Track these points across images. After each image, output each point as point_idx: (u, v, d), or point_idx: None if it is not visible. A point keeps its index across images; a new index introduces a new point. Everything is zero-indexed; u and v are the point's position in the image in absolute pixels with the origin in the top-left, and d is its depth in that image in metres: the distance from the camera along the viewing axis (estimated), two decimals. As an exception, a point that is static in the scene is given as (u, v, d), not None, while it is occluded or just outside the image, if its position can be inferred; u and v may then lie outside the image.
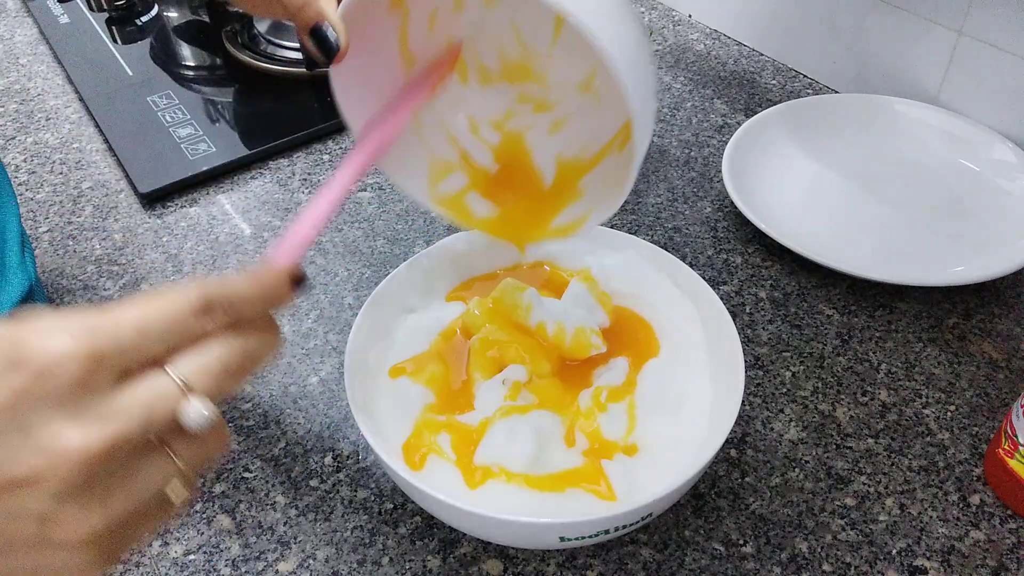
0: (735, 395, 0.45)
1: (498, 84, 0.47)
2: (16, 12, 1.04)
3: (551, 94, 0.48)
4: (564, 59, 0.47)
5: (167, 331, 0.28)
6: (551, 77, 0.48)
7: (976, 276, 0.59)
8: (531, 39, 0.46)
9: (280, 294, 0.32)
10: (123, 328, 0.27)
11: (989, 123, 0.72)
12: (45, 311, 0.27)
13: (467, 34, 0.46)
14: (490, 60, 0.47)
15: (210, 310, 0.29)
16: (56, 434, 0.25)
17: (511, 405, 0.47)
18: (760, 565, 0.46)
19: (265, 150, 0.77)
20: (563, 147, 0.49)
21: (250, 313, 0.31)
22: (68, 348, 0.26)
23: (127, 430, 0.26)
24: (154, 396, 0.27)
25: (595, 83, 0.47)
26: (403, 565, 0.47)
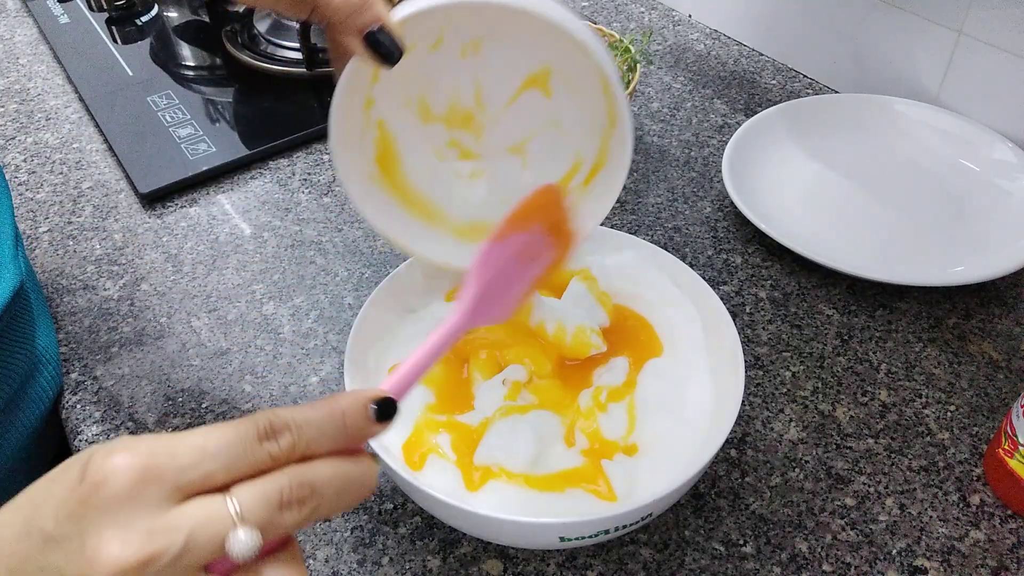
0: (735, 395, 0.45)
1: (434, 124, 0.48)
2: (16, 12, 1.04)
3: (479, 147, 0.49)
4: (506, 122, 0.48)
5: (228, 452, 0.28)
6: (489, 131, 0.49)
7: (976, 276, 0.59)
8: (487, 97, 0.47)
9: (359, 424, 0.30)
10: (182, 446, 0.28)
11: (989, 123, 0.72)
12: (123, 439, 0.28)
13: (425, 75, 0.46)
14: (438, 103, 0.48)
15: (275, 434, 0.28)
16: (101, 544, 0.26)
17: (511, 405, 0.47)
18: (760, 565, 0.46)
19: (265, 150, 0.77)
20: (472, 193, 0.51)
21: (322, 441, 0.29)
22: (124, 462, 0.27)
23: (168, 547, 0.26)
24: (203, 517, 0.27)
25: (527, 147, 0.49)
26: (403, 565, 0.47)
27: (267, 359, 0.59)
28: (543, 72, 0.47)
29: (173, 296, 0.64)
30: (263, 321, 0.62)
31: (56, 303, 0.64)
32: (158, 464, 0.27)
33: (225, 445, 0.28)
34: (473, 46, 0.46)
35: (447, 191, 0.50)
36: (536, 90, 0.47)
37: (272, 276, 0.65)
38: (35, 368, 0.56)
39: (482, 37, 0.45)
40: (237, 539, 0.27)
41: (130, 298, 0.64)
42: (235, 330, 0.61)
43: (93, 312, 0.63)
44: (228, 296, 0.64)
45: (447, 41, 0.45)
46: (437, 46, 0.45)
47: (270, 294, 0.64)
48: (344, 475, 0.30)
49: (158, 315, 0.63)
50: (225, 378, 0.58)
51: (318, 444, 0.29)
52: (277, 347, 0.60)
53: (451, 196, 0.50)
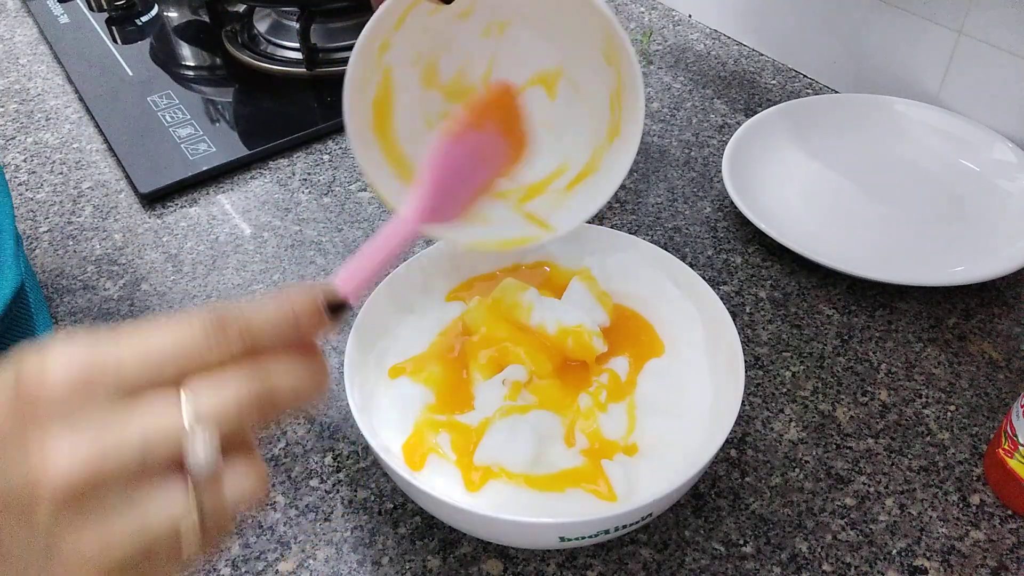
0: (735, 395, 0.45)
1: (434, 92, 0.48)
2: (16, 12, 1.04)
3: None
4: None
5: (175, 349, 0.26)
6: None
7: (976, 276, 0.59)
8: (498, 77, 0.47)
9: (310, 318, 0.29)
10: (124, 343, 0.26)
11: (989, 123, 0.72)
12: (58, 337, 0.26)
13: (444, 39, 0.46)
14: (446, 70, 0.47)
15: (224, 329, 0.27)
16: (50, 445, 0.24)
17: (511, 405, 0.47)
18: (760, 565, 0.46)
19: (265, 150, 0.77)
20: None
21: (272, 336, 0.28)
22: (62, 365, 0.25)
23: (119, 447, 0.25)
24: (156, 420, 0.25)
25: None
26: (403, 565, 0.47)
27: (267, 359, 0.59)
28: (554, 72, 0.47)
29: (173, 296, 0.64)
30: (263, 321, 0.62)
31: (56, 303, 0.64)
32: (101, 360, 0.25)
33: (173, 338, 0.26)
34: (499, 27, 0.45)
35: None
36: (542, 88, 0.47)
37: (272, 276, 0.65)
38: (35, 368, 0.56)
39: (509, 21, 0.45)
40: (195, 445, 0.25)
41: (130, 298, 0.64)
42: (235, 330, 0.61)
43: (93, 312, 0.63)
44: (228, 296, 0.64)
45: (476, 14, 0.45)
46: (466, 16, 0.45)
47: (270, 294, 0.64)
48: (297, 374, 0.29)
49: (158, 315, 0.63)
50: (225, 378, 0.58)
51: (269, 340, 0.28)
52: (277, 347, 0.60)
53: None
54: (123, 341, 0.26)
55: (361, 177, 0.75)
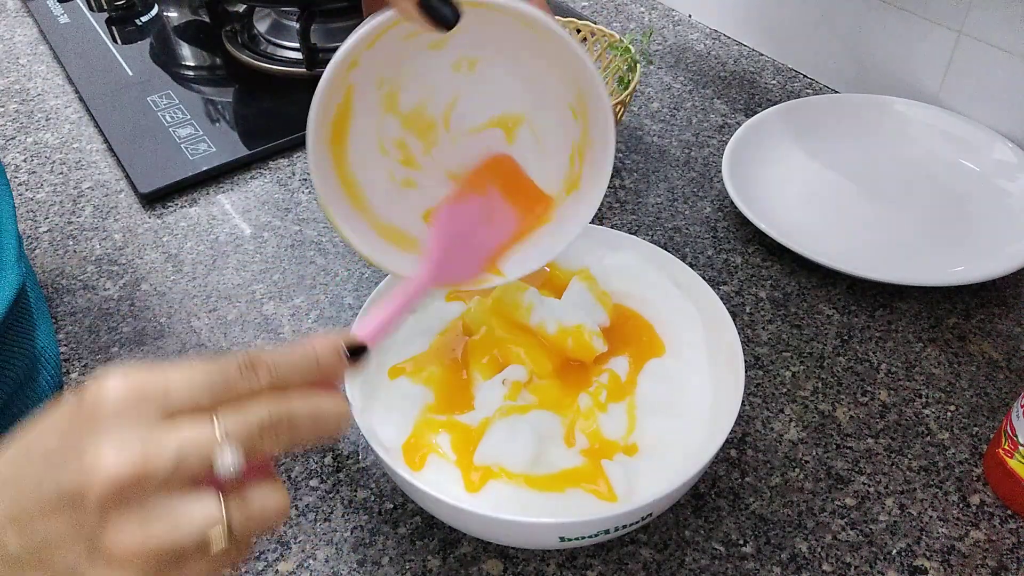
0: (735, 395, 0.45)
1: (392, 118, 0.47)
2: (16, 12, 1.04)
3: (424, 159, 0.48)
4: (462, 147, 0.48)
5: (211, 381, 0.31)
6: (438, 149, 0.48)
7: (976, 276, 0.59)
8: (458, 115, 0.47)
9: (331, 363, 0.34)
10: (171, 372, 0.31)
11: (989, 123, 0.72)
12: (118, 365, 0.30)
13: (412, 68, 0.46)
14: (408, 98, 0.47)
15: (254, 367, 0.32)
16: (99, 452, 0.28)
17: (511, 405, 0.47)
18: (760, 565, 0.46)
19: (265, 150, 0.77)
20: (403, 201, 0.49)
21: (295, 374, 0.33)
22: (118, 384, 0.30)
23: (159, 457, 0.29)
24: (192, 435, 0.30)
25: (461, 176, 0.48)
26: (403, 565, 0.47)
27: (267, 359, 0.59)
28: (517, 118, 0.46)
29: (173, 296, 0.64)
30: (263, 321, 0.62)
31: (56, 303, 0.64)
32: (150, 385, 0.30)
33: (209, 375, 0.31)
34: (469, 63, 0.45)
35: (377, 185, 0.48)
36: (500, 131, 0.47)
37: (272, 276, 0.65)
38: (35, 368, 0.56)
39: (481, 59, 0.45)
40: (223, 456, 0.29)
41: (130, 298, 0.64)
42: (235, 330, 0.61)
43: (93, 312, 0.63)
44: (228, 296, 0.64)
45: (449, 47, 0.44)
46: (438, 46, 0.45)
47: (270, 294, 0.64)
48: (317, 406, 0.33)
49: (158, 315, 0.63)
50: (225, 378, 0.58)
51: (293, 377, 0.33)
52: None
53: (380, 192, 0.48)
54: (170, 371, 0.31)
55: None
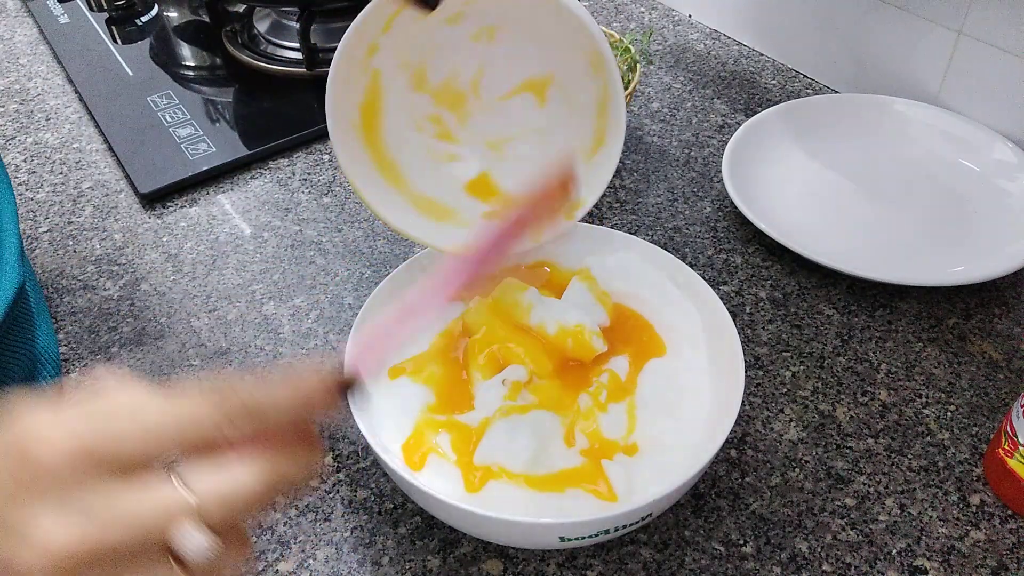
0: (735, 395, 0.45)
1: (423, 96, 0.48)
2: (16, 12, 1.04)
3: (461, 133, 0.49)
4: (498, 115, 0.48)
5: (177, 430, 0.26)
6: (475, 119, 0.48)
7: (976, 276, 0.59)
8: (486, 84, 0.47)
9: (322, 400, 0.29)
10: (123, 422, 0.25)
11: (989, 123, 0.72)
12: (47, 400, 0.25)
13: (434, 43, 0.46)
14: (435, 74, 0.47)
15: (233, 420, 0.27)
16: (41, 529, 0.24)
17: (511, 405, 0.47)
18: (760, 565, 0.46)
19: (265, 150, 0.77)
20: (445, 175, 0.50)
21: (280, 420, 0.28)
22: (60, 439, 0.25)
23: (115, 535, 0.25)
24: (152, 506, 0.25)
25: (506, 146, 0.48)
26: (403, 565, 0.47)
27: (267, 359, 0.59)
28: (545, 79, 0.47)
29: (173, 296, 0.64)
30: (263, 321, 0.62)
31: (56, 303, 0.64)
32: (97, 442, 0.25)
33: (180, 426, 0.26)
34: (488, 32, 0.45)
35: (415, 162, 0.48)
36: (532, 95, 0.47)
37: (272, 276, 0.65)
38: (34, 368, 0.56)
39: (499, 26, 0.45)
40: (192, 541, 0.25)
41: (130, 298, 0.64)
42: (235, 330, 0.61)
43: (93, 312, 0.63)
44: (228, 296, 0.64)
45: (466, 19, 0.45)
46: (456, 20, 0.45)
47: (270, 294, 0.64)
48: (297, 462, 0.29)
49: (158, 315, 0.63)
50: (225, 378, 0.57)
51: (277, 421, 0.28)
52: (277, 347, 0.60)
53: (418, 168, 0.49)
54: (124, 414, 0.26)
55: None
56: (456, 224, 0.48)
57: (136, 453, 0.25)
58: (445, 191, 0.49)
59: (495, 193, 0.49)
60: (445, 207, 0.48)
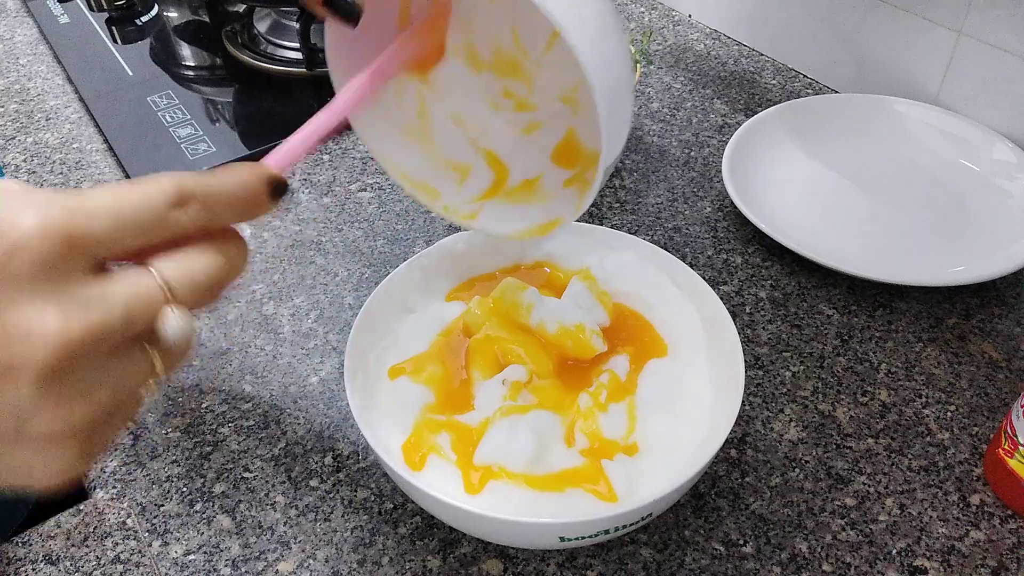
0: (735, 395, 0.45)
1: (486, 73, 0.47)
2: (16, 12, 1.04)
3: (534, 97, 0.48)
4: (552, 69, 0.47)
5: (142, 221, 0.26)
6: (537, 81, 0.48)
7: (976, 276, 0.59)
8: (526, 42, 0.46)
9: (259, 197, 0.30)
10: (98, 212, 0.25)
11: (989, 123, 0.72)
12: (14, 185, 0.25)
13: (466, 17, 0.45)
14: (484, 48, 0.47)
15: (186, 202, 0.27)
16: (33, 317, 0.23)
17: (511, 405, 0.47)
18: (760, 565, 0.46)
19: (265, 150, 0.77)
20: (534, 148, 0.49)
21: (227, 213, 0.29)
22: (40, 224, 0.24)
23: (108, 321, 0.25)
24: (137, 293, 0.26)
25: (577, 96, 0.47)
26: (403, 565, 0.47)
27: (267, 359, 0.59)
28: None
29: (173, 296, 0.64)
30: (263, 321, 0.62)
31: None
32: (78, 228, 0.24)
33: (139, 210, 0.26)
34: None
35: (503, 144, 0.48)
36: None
37: (272, 276, 0.65)
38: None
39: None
40: (173, 320, 0.26)
41: (130, 298, 0.64)
42: (235, 330, 0.61)
43: (93, 312, 0.63)
44: (228, 296, 0.64)
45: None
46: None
47: (270, 294, 0.64)
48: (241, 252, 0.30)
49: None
50: (225, 378, 0.58)
51: (221, 218, 0.29)
52: (277, 347, 0.60)
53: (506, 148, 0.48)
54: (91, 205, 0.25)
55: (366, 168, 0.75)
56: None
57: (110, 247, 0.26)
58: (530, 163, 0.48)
59: (582, 154, 0.47)
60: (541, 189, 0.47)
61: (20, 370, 0.23)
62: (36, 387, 0.24)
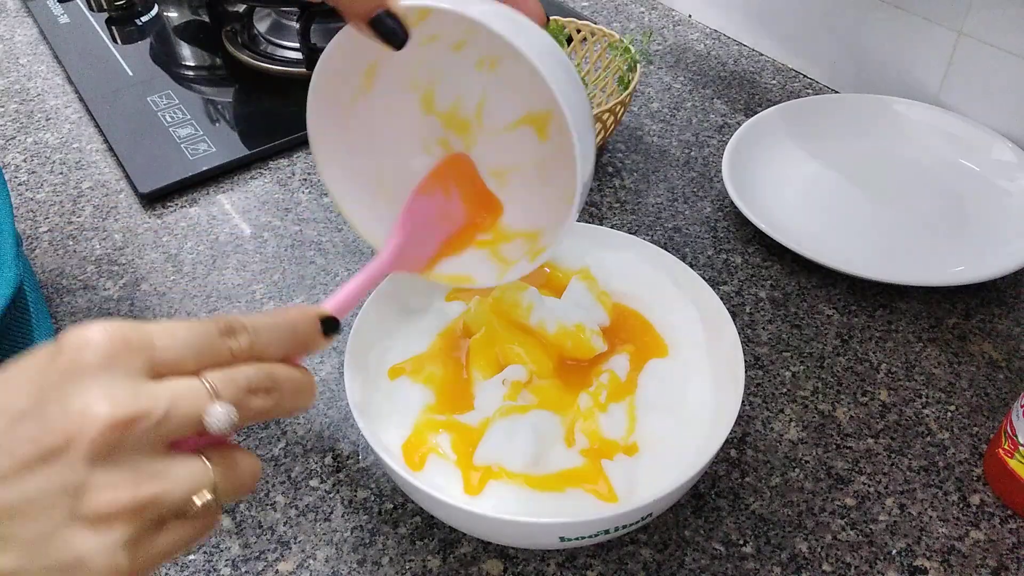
0: (735, 395, 0.45)
1: (435, 118, 0.48)
2: (16, 12, 1.04)
3: (472, 155, 0.49)
4: (500, 144, 0.48)
5: (193, 340, 0.30)
6: (480, 147, 0.49)
7: (976, 276, 0.59)
8: (490, 112, 0.47)
9: (307, 332, 0.34)
10: (155, 328, 0.30)
11: (989, 123, 0.72)
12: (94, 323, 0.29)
13: (439, 70, 0.46)
14: (444, 98, 0.48)
15: (233, 331, 0.31)
16: (89, 401, 0.27)
17: (511, 405, 0.47)
18: (760, 565, 0.46)
19: (265, 150, 0.77)
20: None
21: (276, 344, 0.32)
22: (101, 335, 0.28)
23: (152, 408, 0.28)
24: (182, 389, 0.29)
25: (509, 177, 0.49)
26: (403, 565, 0.47)
27: (267, 359, 0.59)
28: (545, 114, 0.47)
29: (173, 296, 0.64)
30: (263, 321, 0.62)
31: (56, 303, 0.64)
32: (134, 337, 0.29)
33: (192, 335, 0.30)
34: (491, 62, 0.46)
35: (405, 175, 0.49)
36: (532, 129, 0.48)
37: (272, 276, 0.65)
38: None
39: (501, 58, 0.45)
40: (215, 412, 0.29)
41: (130, 298, 0.64)
42: (235, 330, 0.61)
43: (93, 312, 0.63)
44: (228, 296, 0.64)
45: (468, 47, 0.45)
46: (459, 47, 0.45)
47: (270, 294, 0.64)
48: (296, 378, 0.33)
49: (158, 315, 0.63)
50: (225, 378, 0.57)
51: (270, 349, 0.32)
52: (277, 347, 0.60)
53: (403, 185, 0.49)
54: (153, 327, 0.30)
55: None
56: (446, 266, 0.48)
57: (164, 357, 0.29)
58: None
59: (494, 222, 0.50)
60: None
61: (73, 446, 0.27)
62: (88, 463, 0.27)
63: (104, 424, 0.27)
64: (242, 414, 0.30)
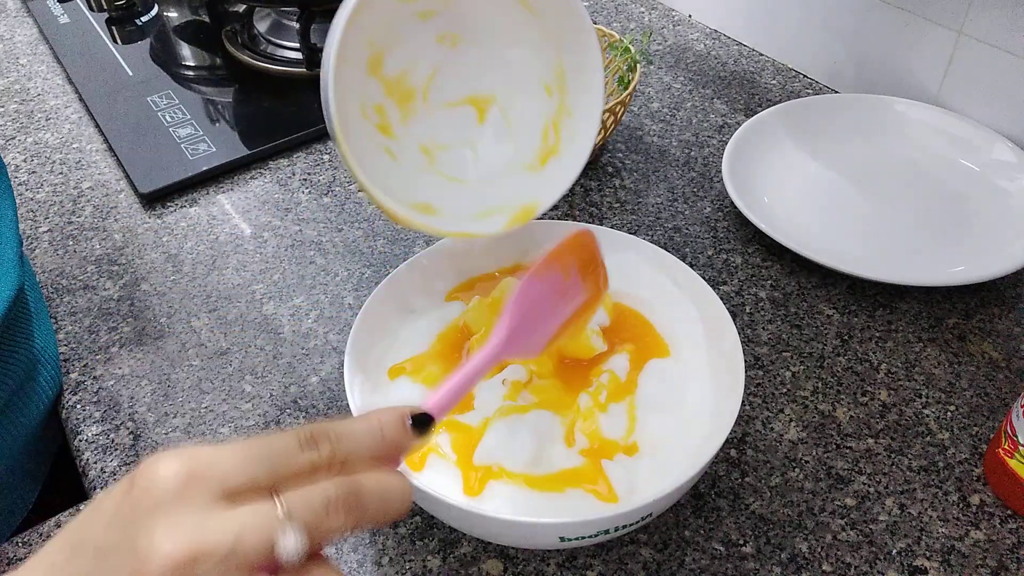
0: (735, 395, 0.45)
1: (376, 81, 0.48)
2: (16, 12, 1.04)
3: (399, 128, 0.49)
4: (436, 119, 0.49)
5: (270, 455, 0.29)
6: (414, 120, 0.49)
7: (976, 276, 0.59)
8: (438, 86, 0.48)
9: (396, 434, 0.32)
10: (225, 451, 0.29)
11: (989, 123, 0.72)
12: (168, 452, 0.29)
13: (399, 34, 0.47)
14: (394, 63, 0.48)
15: (315, 442, 0.30)
16: (155, 538, 0.27)
17: (511, 405, 0.47)
18: (760, 565, 0.46)
19: (265, 150, 0.77)
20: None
21: (360, 451, 0.31)
22: (170, 466, 0.28)
23: (218, 542, 0.27)
24: (253, 516, 0.28)
25: (437, 155, 0.49)
26: (403, 565, 0.47)
27: (267, 359, 0.59)
28: (487, 99, 0.48)
29: (173, 296, 0.64)
30: (263, 321, 0.62)
31: (56, 303, 0.64)
32: (204, 466, 0.28)
33: (268, 451, 0.29)
34: (452, 39, 0.46)
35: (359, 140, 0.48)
36: (473, 109, 0.48)
37: (272, 276, 0.65)
38: (34, 368, 0.56)
39: (463, 37, 0.46)
40: (286, 539, 0.28)
41: (130, 298, 0.64)
42: (235, 330, 0.61)
43: (93, 312, 0.63)
44: (228, 296, 0.64)
45: (435, 18, 0.45)
46: (426, 16, 0.45)
47: (270, 294, 0.64)
48: (384, 484, 0.31)
49: (158, 315, 0.63)
50: (225, 378, 0.58)
51: (356, 454, 0.31)
52: (277, 347, 0.60)
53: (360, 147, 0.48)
54: (225, 448, 0.29)
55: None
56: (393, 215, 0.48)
57: (235, 479, 0.28)
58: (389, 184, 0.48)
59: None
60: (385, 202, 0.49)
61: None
62: None
63: (167, 564, 0.26)
64: (319, 536, 0.29)
